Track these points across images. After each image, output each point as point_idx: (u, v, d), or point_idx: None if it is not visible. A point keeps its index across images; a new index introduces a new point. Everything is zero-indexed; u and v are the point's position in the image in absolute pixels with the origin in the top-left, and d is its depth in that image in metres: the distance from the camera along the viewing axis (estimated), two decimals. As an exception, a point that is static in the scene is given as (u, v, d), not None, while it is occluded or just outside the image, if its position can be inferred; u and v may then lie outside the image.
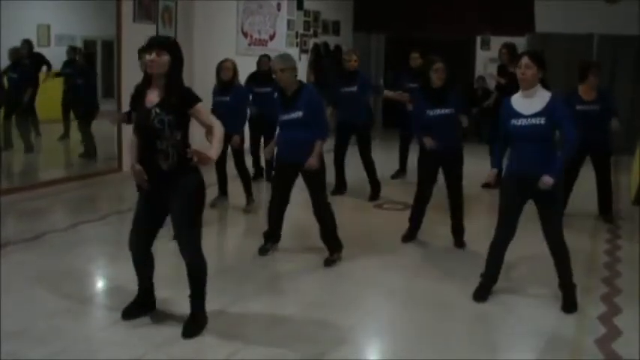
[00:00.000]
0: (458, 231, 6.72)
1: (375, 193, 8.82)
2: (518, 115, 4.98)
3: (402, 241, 6.78)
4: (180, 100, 4.30)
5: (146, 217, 4.53)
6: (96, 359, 4.20)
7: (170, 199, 4.38)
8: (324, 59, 14.03)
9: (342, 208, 8.34)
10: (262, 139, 9.38)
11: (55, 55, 10.00)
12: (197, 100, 4.38)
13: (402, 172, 10.19)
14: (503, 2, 13.53)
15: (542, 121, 4.90)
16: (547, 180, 4.87)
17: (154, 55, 4.25)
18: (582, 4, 12.72)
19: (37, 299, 5.05)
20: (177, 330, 4.54)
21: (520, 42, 13.09)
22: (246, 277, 5.77)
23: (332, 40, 14.63)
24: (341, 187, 8.93)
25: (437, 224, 6.96)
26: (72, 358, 4.16)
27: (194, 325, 4.55)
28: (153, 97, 4.34)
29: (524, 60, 4.95)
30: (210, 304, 4.98)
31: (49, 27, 10.14)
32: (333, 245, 6.19)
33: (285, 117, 5.93)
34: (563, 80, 10.61)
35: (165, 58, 4.27)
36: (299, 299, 5.28)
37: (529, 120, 4.93)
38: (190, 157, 4.26)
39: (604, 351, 4.49)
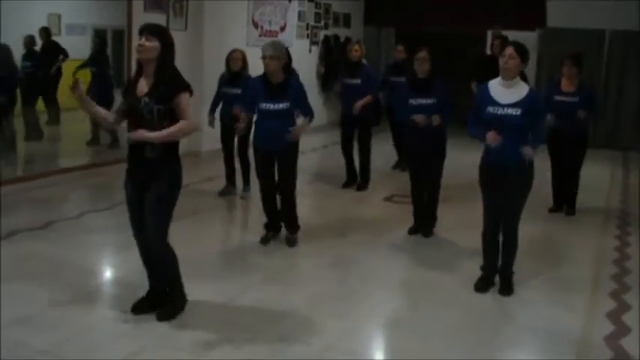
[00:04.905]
0: (429, 221, 6.83)
1: (364, 183, 8.85)
2: (495, 104, 5.05)
3: (408, 233, 6.83)
4: (167, 88, 4.26)
5: (139, 206, 4.47)
6: (99, 350, 4.19)
7: (149, 185, 4.37)
8: (334, 51, 13.99)
9: (352, 201, 8.34)
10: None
11: (65, 45, 9.97)
12: (184, 88, 4.31)
13: (401, 162, 9.90)
14: (515, -3, 13.46)
15: (518, 112, 4.98)
16: (527, 150, 4.94)
17: (142, 40, 4.24)
18: (594, -2, 12.64)
19: (43, 288, 5.05)
20: (182, 321, 4.55)
21: (531, 37, 13.06)
22: (253, 269, 5.77)
23: (342, 33, 14.57)
24: (351, 180, 8.91)
25: (442, 216, 6.95)
26: (75, 348, 4.15)
27: (166, 310, 4.57)
28: (143, 86, 4.34)
29: (509, 50, 5.04)
30: (217, 295, 5.01)
31: (59, 16, 10.12)
32: (292, 225, 6.40)
33: (271, 107, 5.99)
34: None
35: (155, 44, 4.24)
36: (305, 291, 5.27)
37: (505, 109, 5.01)
38: (175, 148, 4.36)
39: (613, 348, 4.47)
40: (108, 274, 5.69)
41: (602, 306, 5.16)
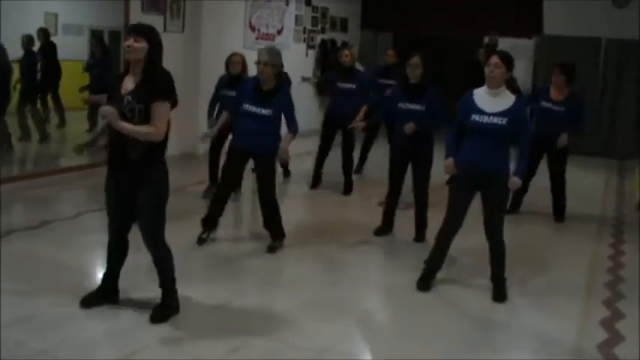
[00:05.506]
0: (420, 226, 6.83)
1: (347, 190, 8.83)
2: (480, 112, 5.08)
3: (374, 234, 6.87)
4: (149, 89, 4.24)
5: (117, 206, 4.53)
6: (96, 350, 4.18)
7: (137, 189, 4.38)
8: (330, 55, 13.99)
9: (346, 206, 8.35)
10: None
11: (61, 45, 9.94)
12: (164, 96, 4.27)
13: (360, 166, 10.15)
14: (512, 3, 13.46)
15: (504, 121, 5.02)
16: (516, 182, 5.09)
17: (131, 41, 4.23)
18: (591, 7, 12.67)
19: (40, 288, 5.03)
20: (179, 323, 4.54)
21: (528, 44, 13.09)
22: (246, 272, 5.76)
23: (339, 37, 14.60)
24: (319, 180, 8.94)
25: (435, 220, 6.92)
26: (73, 348, 4.14)
27: (160, 312, 4.57)
28: (128, 84, 4.32)
29: (494, 59, 5.08)
30: (211, 299, 5.00)
31: (56, 16, 10.10)
32: (275, 233, 6.27)
33: (254, 109, 5.97)
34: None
35: (143, 44, 4.23)
36: (298, 296, 5.27)
37: (491, 118, 5.04)
38: (158, 148, 4.34)
39: (606, 356, 4.48)
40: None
41: (596, 314, 5.18)
